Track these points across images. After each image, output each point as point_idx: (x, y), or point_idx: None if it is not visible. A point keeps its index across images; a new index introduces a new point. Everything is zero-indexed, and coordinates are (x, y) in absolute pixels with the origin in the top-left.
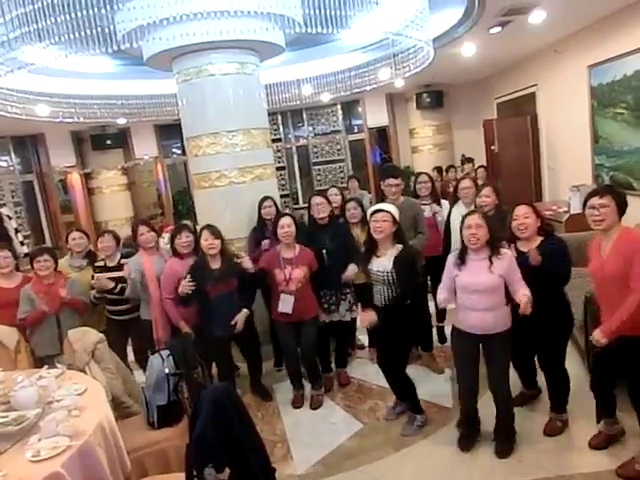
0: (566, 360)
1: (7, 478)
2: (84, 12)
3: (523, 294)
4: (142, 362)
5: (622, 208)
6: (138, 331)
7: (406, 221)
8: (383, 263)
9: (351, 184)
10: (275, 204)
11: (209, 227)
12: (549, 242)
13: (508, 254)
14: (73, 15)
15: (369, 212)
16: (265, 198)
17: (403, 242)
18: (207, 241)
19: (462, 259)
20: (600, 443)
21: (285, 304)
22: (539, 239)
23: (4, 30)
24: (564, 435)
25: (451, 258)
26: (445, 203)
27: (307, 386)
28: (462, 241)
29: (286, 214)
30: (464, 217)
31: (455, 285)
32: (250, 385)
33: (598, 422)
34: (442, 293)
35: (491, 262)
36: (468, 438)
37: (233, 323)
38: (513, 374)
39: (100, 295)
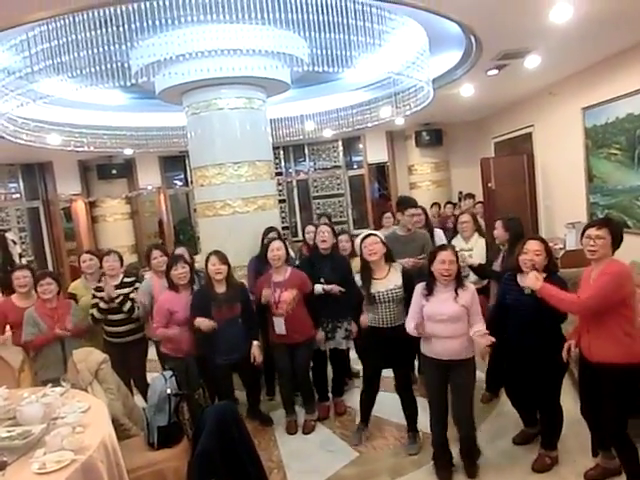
0: (562, 396)
1: None
2: (104, 48)
3: (477, 330)
4: (142, 387)
5: (617, 241)
6: (138, 353)
7: (416, 249)
8: (391, 281)
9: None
10: (279, 235)
11: (216, 253)
12: (552, 280)
13: (471, 287)
14: (95, 51)
15: (358, 239)
16: (270, 229)
17: (394, 261)
18: (215, 266)
19: (430, 290)
20: (596, 476)
21: (279, 327)
22: (543, 276)
23: (28, 63)
24: (560, 468)
25: (419, 289)
26: (439, 232)
27: (300, 412)
28: (430, 273)
29: (278, 238)
30: (436, 251)
31: (422, 314)
32: (248, 413)
33: (594, 456)
34: (411, 322)
35: (457, 293)
36: (445, 469)
37: (252, 361)
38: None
39: (101, 315)
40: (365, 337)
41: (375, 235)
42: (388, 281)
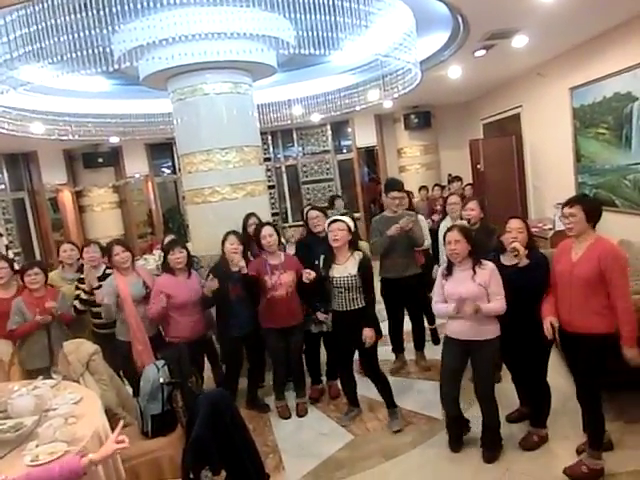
0: (553, 374)
1: None
2: (85, 33)
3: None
4: (131, 377)
5: (592, 216)
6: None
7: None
8: (347, 269)
9: (337, 203)
10: (260, 221)
11: (234, 233)
12: (533, 256)
13: (490, 265)
14: (75, 35)
15: (326, 223)
16: (250, 215)
17: (358, 249)
18: (233, 245)
19: (449, 270)
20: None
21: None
22: (525, 252)
23: (7, 49)
24: (553, 444)
25: (440, 270)
26: (421, 218)
27: (290, 397)
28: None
29: (267, 223)
30: (445, 233)
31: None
32: (247, 399)
33: (585, 431)
34: (438, 303)
35: (474, 272)
36: (456, 440)
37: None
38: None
39: (83, 306)
40: (332, 320)
41: (342, 221)
42: (344, 268)
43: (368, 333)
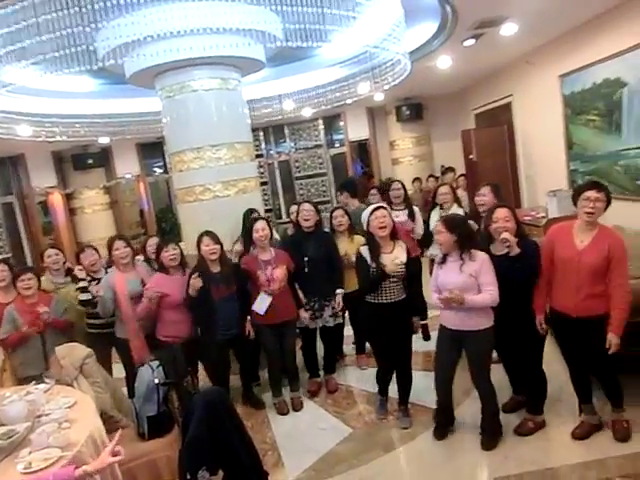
0: (551, 361)
1: None
2: (68, 31)
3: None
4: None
5: (608, 204)
6: (123, 345)
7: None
8: (398, 257)
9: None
10: (260, 216)
11: (208, 233)
12: (525, 244)
13: (481, 256)
14: (57, 34)
15: (367, 212)
16: (251, 211)
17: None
18: (208, 246)
19: (444, 260)
20: (582, 433)
21: (261, 304)
22: (515, 240)
23: None
24: (550, 430)
25: (437, 259)
26: (417, 209)
27: (286, 393)
28: None
29: (261, 218)
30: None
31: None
32: (242, 395)
33: (580, 414)
34: (433, 292)
35: (462, 262)
36: (442, 428)
37: (247, 334)
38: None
39: (86, 297)
40: (368, 315)
41: (384, 208)
42: (395, 257)
43: (418, 322)
